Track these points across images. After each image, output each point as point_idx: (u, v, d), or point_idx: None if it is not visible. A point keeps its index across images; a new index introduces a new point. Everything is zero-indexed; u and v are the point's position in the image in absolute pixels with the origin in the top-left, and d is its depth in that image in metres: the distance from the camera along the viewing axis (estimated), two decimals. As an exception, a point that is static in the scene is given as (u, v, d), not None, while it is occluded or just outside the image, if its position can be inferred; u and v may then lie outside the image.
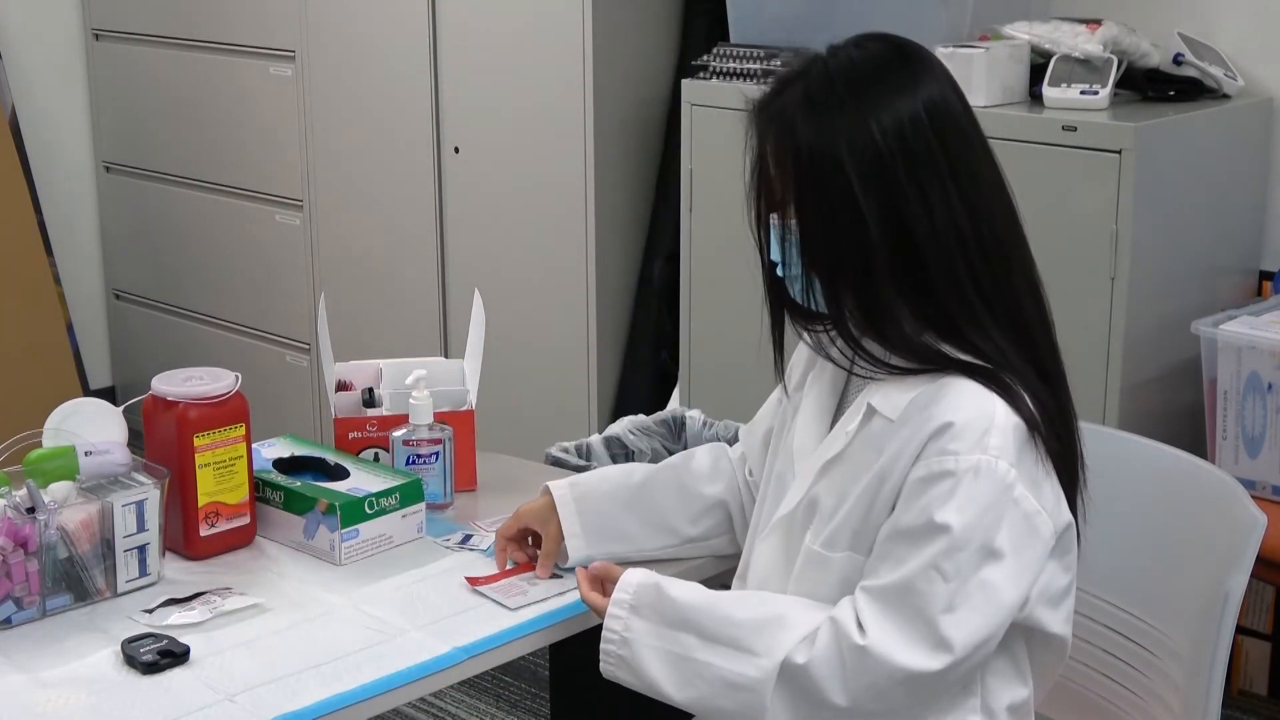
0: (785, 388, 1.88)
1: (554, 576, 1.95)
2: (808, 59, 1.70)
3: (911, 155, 1.62)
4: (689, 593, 1.72)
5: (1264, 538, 1.74)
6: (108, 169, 4.71)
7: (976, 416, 1.60)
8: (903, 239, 1.63)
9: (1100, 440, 2.06)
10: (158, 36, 4.40)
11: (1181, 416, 2.87)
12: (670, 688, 1.69)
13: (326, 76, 3.96)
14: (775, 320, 1.77)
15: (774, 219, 1.70)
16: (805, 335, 1.79)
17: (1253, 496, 1.82)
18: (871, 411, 1.68)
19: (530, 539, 2.00)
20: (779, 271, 1.71)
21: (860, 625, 1.60)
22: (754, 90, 1.74)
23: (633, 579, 1.75)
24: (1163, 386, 2.88)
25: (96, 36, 4.61)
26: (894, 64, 1.68)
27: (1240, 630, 3.15)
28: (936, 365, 1.65)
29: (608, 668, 1.74)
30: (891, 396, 1.67)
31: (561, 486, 1.98)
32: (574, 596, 1.90)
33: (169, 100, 4.43)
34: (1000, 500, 1.59)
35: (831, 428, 1.77)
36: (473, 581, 1.92)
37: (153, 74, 4.46)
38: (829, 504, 1.70)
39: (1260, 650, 3.22)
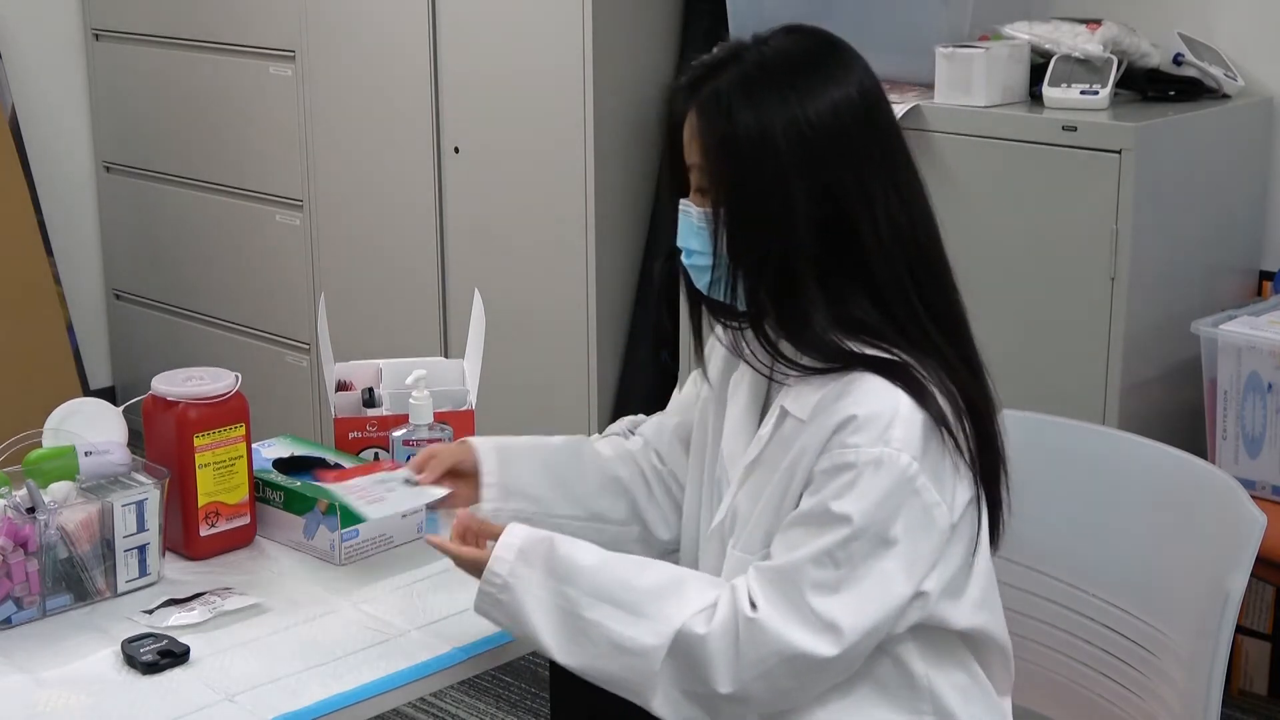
0: (705, 373, 1.84)
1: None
2: (738, 45, 1.69)
3: (849, 144, 1.63)
4: (583, 551, 1.69)
5: (1264, 538, 1.74)
6: (108, 169, 4.71)
7: (880, 410, 1.60)
8: (839, 232, 1.63)
9: (1100, 440, 2.06)
10: (158, 36, 4.40)
11: (1181, 416, 2.87)
12: (550, 640, 1.66)
13: (326, 76, 3.96)
14: (693, 307, 1.77)
15: (688, 206, 1.70)
16: (722, 332, 1.77)
17: (1253, 496, 1.82)
18: (784, 414, 1.68)
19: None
20: (684, 259, 1.71)
21: (752, 600, 1.60)
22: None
23: (520, 529, 1.71)
24: (1163, 386, 2.88)
25: (96, 36, 4.61)
26: (827, 54, 1.68)
27: (1240, 630, 3.15)
28: (846, 363, 1.64)
29: (482, 605, 1.70)
30: (802, 397, 1.66)
31: (484, 439, 1.94)
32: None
33: (169, 100, 4.42)
34: (900, 491, 1.59)
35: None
36: (321, 475, 1.78)
37: (153, 74, 4.46)
38: (746, 509, 1.70)
39: (1260, 650, 3.22)
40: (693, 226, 1.70)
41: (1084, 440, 2.05)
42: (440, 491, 1.86)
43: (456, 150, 3.71)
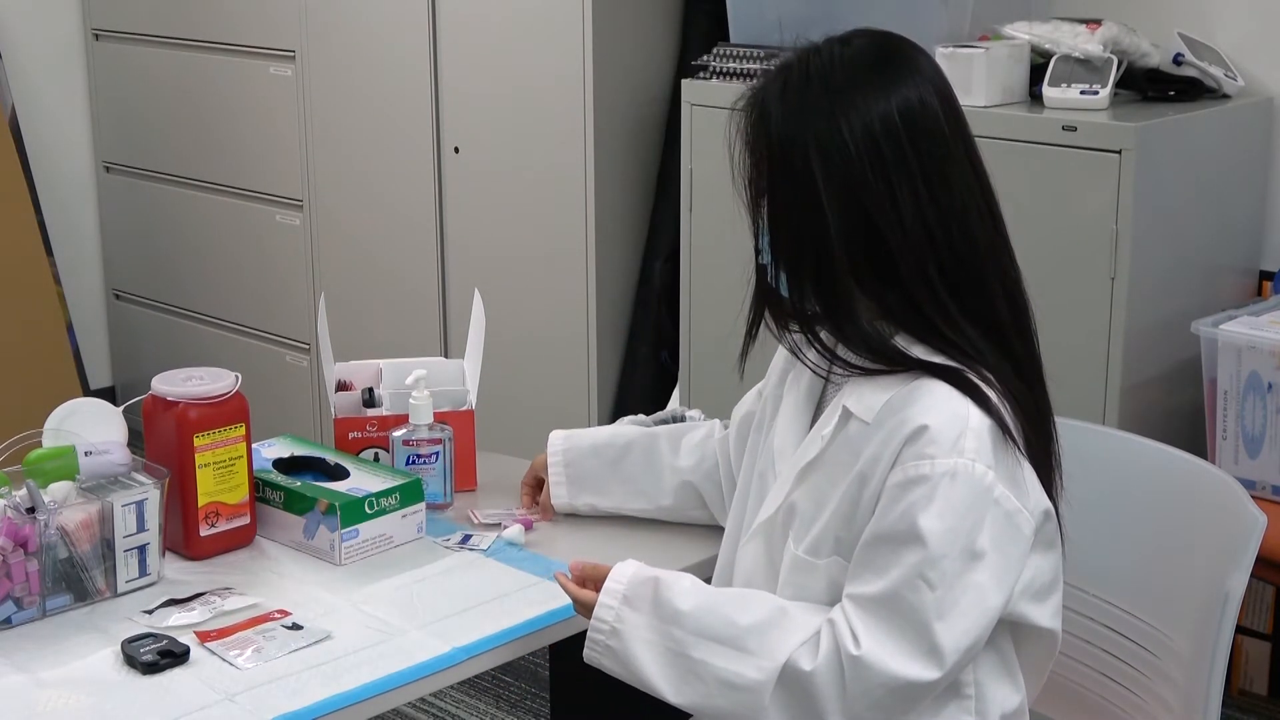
0: (752, 374, 1.87)
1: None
2: (797, 52, 1.72)
3: (879, 157, 1.63)
4: (688, 590, 1.71)
5: (1264, 538, 1.74)
6: (108, 169, 4.71)
7: (951, 419, 1.60)
8: (869, 235, 1.64)
9: (1100, 440, 2.06)
10: (158, 36, 4.40)
11: (1181, 416, 2.87)
12: (662, 682, 1.68)
13: (326, 76, 3.96)
14: (755, 310, 1.78)
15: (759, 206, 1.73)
16: (781, 335, 1.78)
17: (1253, 496, 1.82)
18: (847, 414, 1.68)
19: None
20: (760, 259, 1.74)
21: (854, 635, 1.60)
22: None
23: (626, 570, 1.73)
24: (1163, 386, 2.88)
25: (96, 36, 4.61)
26: (875, 64, 1.68)
27: (1240, 630, 3.15)
28: (906, 367, 1.65)
29: (592, 654, 1.72)
30: (866, 398, 1.66)
31: (557, 438, 2.17)
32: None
33: (169, 100, 4.43)
34: (980, 502, 1.59)
35: (810, 430, 1.76)
36: (202, 637, 1.80)
37: (153, 74, 4.46)
38: (808, 509, 1.70)
39: (1260, 650, 3.22)
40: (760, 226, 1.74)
41: (1084, 440, 2.04)
42: (319, 633, 1.83)
43: (456, 150, 3.71)
